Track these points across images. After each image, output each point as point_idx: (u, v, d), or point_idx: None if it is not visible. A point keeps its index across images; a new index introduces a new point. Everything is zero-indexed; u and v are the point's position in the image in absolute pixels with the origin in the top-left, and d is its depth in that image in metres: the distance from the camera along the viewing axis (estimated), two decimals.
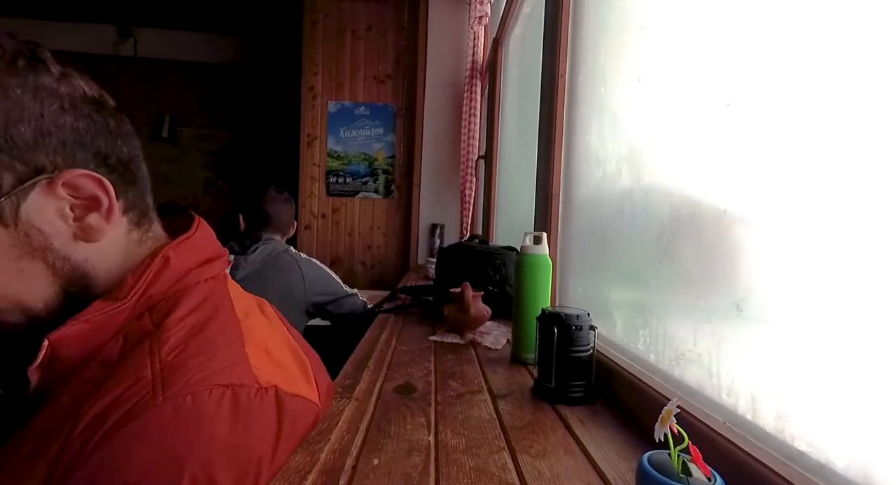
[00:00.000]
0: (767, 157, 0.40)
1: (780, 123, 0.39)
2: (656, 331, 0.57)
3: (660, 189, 0.59)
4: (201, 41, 3.72)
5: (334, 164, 2.75)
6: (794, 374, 0.36)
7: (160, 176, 3.75)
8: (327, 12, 2.69)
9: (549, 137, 0.95)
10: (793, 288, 0.37)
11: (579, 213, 0.88)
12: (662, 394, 0.47)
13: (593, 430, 0.50)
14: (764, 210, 0.41)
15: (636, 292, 0.66)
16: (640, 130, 0.66)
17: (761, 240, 0.41)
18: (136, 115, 3.72)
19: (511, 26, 1.81)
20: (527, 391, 0.62)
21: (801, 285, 0.36)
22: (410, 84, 2.73)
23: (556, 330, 0.58)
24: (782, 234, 0.38)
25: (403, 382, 0.64)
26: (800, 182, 0.37)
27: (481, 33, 2.24)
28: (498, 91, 1.98)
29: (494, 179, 2.02)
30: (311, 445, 0.44)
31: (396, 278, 2.52)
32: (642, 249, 0.62)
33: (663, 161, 0.59)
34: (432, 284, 1.31)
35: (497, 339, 0.89)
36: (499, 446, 0.46)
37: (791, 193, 0.38)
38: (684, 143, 0.54)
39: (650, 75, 0.64)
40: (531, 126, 1.12)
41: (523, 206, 1.43)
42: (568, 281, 0.90)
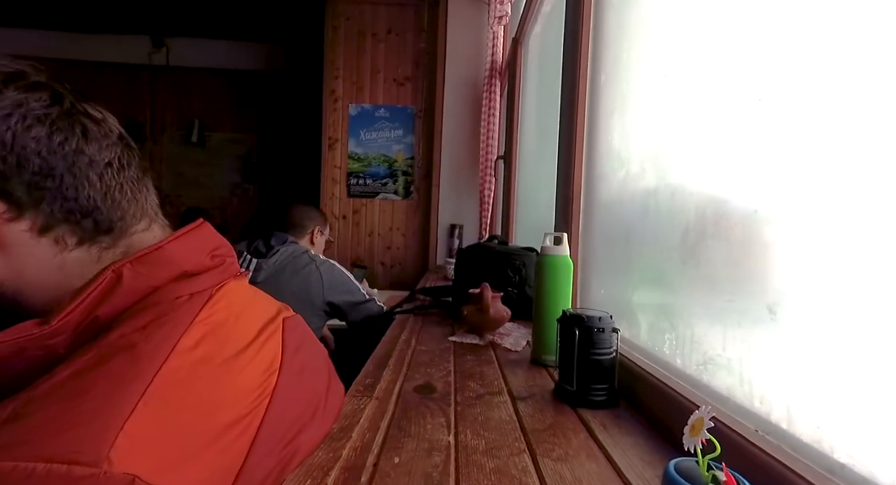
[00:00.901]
0: (803, 153, 0.39)
1: (817, 119, 0.37)
2: (683, 335, 0.56)
3: (686, 189, 0.57)
4: (229, 49, 3.85)
5: (355, 166, 2.79)
6: (834, 381, 0.34)
7: (189, 179, 3.91)
8: (348, 16, 2.74)
9: (569, 137, 0.94)
10: (830, 290, 0.35)
11: (601, 213, 0.86)
12: (690, 400, 0.46)
13: (616, 434, 0.49)
14: (798, 209, 0.39)
15: (661, 294, 0.64)
16: (665, 129, 0.64)
17: (795, 240, 0.39)
18: (168, 120, 3.89)
19: (531, 25, 1.79)
20: (547, 394, 0.61)
21: (839, 287, 0.34)
22: (430, 85, 2.75)
23: (577, 332, 0.57)
24: (818, 233, 0.37)
25: (423, 382, 0.64)
26: (838, 179, 0.35)
27: (501, 33, 2.23)
28: (517, 91, 1.97)
29: (514, 179, 2.01)
30: (334, 442, 0.45)
31: (416, 279, 2.54)
32: (667, 250, 0.60)
33: (690, 160, 0.57)
34: (451, 284, 1.31)
35: (517, 340, 0.88)
36: (519, 449, 0.45)
37: (828, 191, 0.36)
38: (712, 141, 0.52)
39: (676, 71, 0.62)
40: (551, 126, 1.11)
41: (543, 206, 1.41)
42: (589, 282, 0.89)
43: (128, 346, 0.32)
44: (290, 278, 1.15)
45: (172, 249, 0.39)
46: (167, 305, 0.36)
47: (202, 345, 0.35)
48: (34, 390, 0.29)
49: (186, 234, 0.41)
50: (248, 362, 0.38)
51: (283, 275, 1.15)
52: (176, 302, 0.37)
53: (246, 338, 0.39)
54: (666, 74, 0.64)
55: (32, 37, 3.76)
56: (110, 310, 0.35)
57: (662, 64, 0.66)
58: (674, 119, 0.62)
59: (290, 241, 1.22)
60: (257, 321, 0.42)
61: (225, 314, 0.39)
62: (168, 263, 0.38)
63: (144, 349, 0.32)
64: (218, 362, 0.36)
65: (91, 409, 0.28)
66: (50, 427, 0.27)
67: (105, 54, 3.80)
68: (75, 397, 0.29)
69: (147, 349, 0.32)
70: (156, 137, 3.89)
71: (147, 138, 3.88)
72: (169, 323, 0.35)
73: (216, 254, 0.43)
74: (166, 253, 0.39)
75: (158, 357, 0.32)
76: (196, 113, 3.88)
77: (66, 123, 0.36)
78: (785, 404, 0.38)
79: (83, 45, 3.79)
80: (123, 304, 0.36)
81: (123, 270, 0.36)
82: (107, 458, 0.26)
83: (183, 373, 0.33)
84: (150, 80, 3.84)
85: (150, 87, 3.85)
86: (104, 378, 0.30)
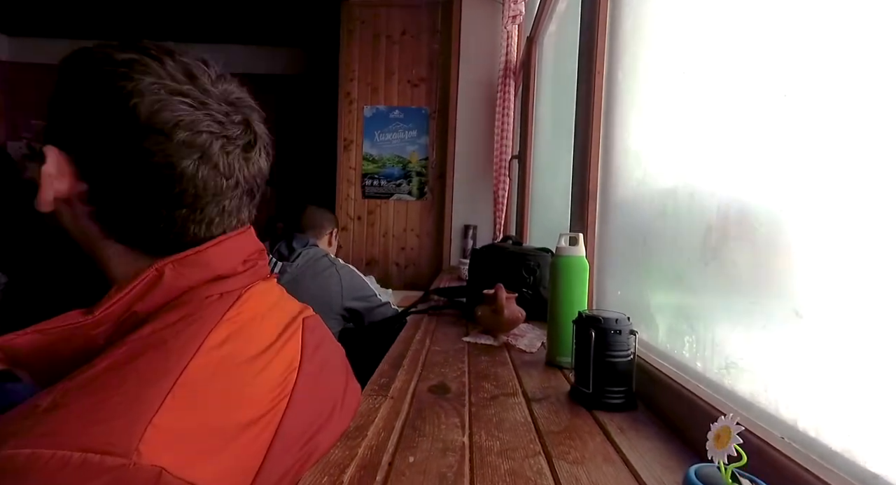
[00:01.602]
0: (831, 150, 0.37)
1: (845, 115, 0.36)
2: (703, 337, 0.54)
3: (707, 188, 0.56)
4: (248, 53, 3.94)
5: (369, 167, 2.82)
6: (866, 387, 0.33)
7: None
8: (364, 19, 2.77)
9: (585, 136, 0.92)
10: (861, 291, 0.34)
11: (618, 213, 0.85)
12: (711, 404, 0.45)
13: (634, 438, 0.48)
14: (826, 207, 0.37)
15: (680, 296, 0.63)
16: (684, 127, 0.63)
17: (824, 240, 0.38)
18: None
19: (545, 24, 1.78)
20: (563, 396, 0.61)
21: (871, 288, 0.33)
22: (444, 86, 2.75)
23: (593, 334, 0.56)
24: (848, 233, 0.35)
25: (437, 382, 0.64)
26: (870, 176, 0.34)
27: (515, 32, 2.22)
28: (532, 90, 1.95)
29: (528, 179, 1.99)
30: (350, 440, 0.45)
31: (430, 279, 2.54)
32: (687, 251, 0.59)
33: (711, 159, 0.56)
34: (465, 285, 1.31)
35: (531, 341, 0.87)
36: (534, 451, 0.45)
37: (859, 189, 0.34)
38: (735, 138, 0.51)
39: (696, 67, 0.60)
40: (566, 125, 1.10)
41: (558, 206, 1.39)
42: (606, 283, 0.87)
43: (159, 342, 0.33)
44: (312, 281, 1.17)
45: (212, 253, 0.40)
46: (197, 304, 0.37)
47: (227, 343, 0.36)
48: (72, 381, 0.31)
49: (227, 240, 0.41)
50: (269, 362, 0.38)
51: (304, 278, 1.17)
52: (206, 301, 0.38)
53: (269, 338, 0.40)
54: (685, 71, 0.63)
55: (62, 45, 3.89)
56: (149, 306, 0.36)
57: (681, 60, 0.64)
58: (693, 117, 0.60)
59: (311, 243, 1.24)
60: (280, 321, 0.43)
61: (251, 314, 0.40)
62: (206, 266, 0.39)
63: (174, 346, 0.33)
64: (241, 361, 0.36)
65: (123, 402, 0.29)
66: (85, 418, 0.28)
67: None
68: (109, 390, 0.30)
69: (176, 346, 0.33)
70: None
71: None
72: (198, 321, 0.36)
73: (249, 259, 0.43)
74: (205, 256, 0.39)
75: (186, 354, 0.33)
76: None
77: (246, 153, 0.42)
78: (813, 411, 0.37)
79: None
80: (161, 301, 0.37)
81: (166, 269, 0.37)
82: (136, 450, 0.27)
83: (209, 370, 0.33)
84: None
85: None
86: (135, 373, 0.31)
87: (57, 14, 3.53)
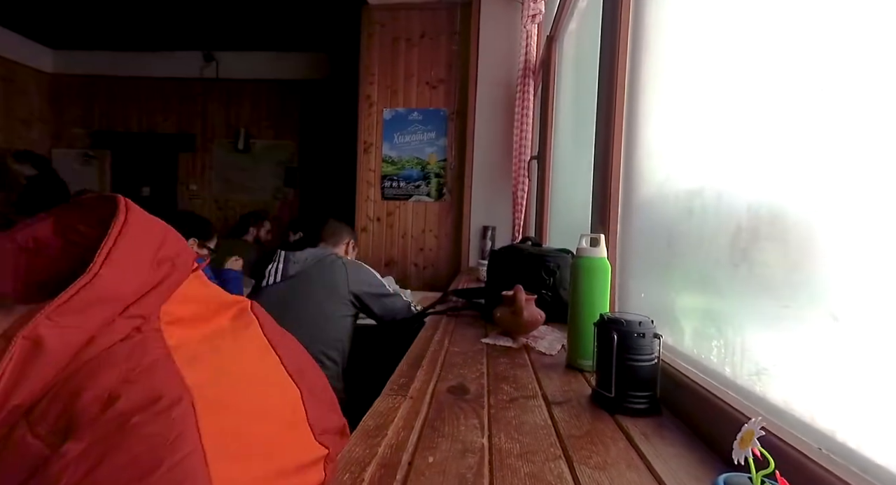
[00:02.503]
0: (873, 145, 0.35)
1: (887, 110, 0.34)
2: (733, 342, 0.52)
3: (736, 187, 0.54)
4: (273, 59, 4.06)
5: (388, 169, 2.85)
6: None
7: (236, 184, 4.15)
8: (383, 23, 2.81)
9: (607, 135, 0.91)
10: None
11: (641, 213, 0.83)
12: (741, 411, 0.43)
13: (659, 445, 0.47)
14: (864, 206, 0.35)
15: (708, 299, 0.60)
16: (711, 124, 0.61)
17: (862, 240, 0.36)
18: (217, 130, 4.15)
19: (566, 22, 1.75)
20: (584, 399, 0.60)
21: None
22: (462, 87, 2.76)
23: (615, 337, 0.55)
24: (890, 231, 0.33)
25: (456, 383, 0.64)
26: None
27: (534, 32, 2.20)
28: (551, 89, 1.93)
29: (548, 179, 1.97)
30: (370, 438, 0.46)
31: (448, 281, 2.54)
32: (715, 252, 0.57)
33: (740, 157, 0.54)
34: (484, 286, 1.31)
35: (551, 344, 0.86)
36: (555, 454, 0.44)
37: None
38: (766, 135, 0.49)
39: (724, 61, 0.58)
40: (587, 124, 1.08)
41: (578, 207, 1.37)
42: (628, 285, 0.85)
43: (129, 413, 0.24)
44: (319, 271, 1.24)
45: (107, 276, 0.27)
46: (127, 345, 0.27)
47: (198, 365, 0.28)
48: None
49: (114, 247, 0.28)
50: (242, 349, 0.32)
51: (312, 268, 1.23)
52: (135, 338, 0.28)
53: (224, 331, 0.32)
54: (713, 65, 0.61)
55: (104, 57, 4.15)
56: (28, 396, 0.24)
57: (708, 55, 0.62)
58: (721, 113, 0.58)
59: (320, 246, 1.31)
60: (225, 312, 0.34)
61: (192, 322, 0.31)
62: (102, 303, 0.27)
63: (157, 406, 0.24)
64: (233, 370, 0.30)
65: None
66: None
67: (163, 70, 4.12)
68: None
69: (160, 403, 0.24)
70: (206, 146, 4.16)
71: (198, 148, 4.15)
72: (149, 363, 0.26)
73: (162, 257, 0.31)
74: (97, 289, 0.26)
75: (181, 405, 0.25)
76: (242, 122, 4.11)
77: None
78: (853, 421, 0.35)
79: (144, 62, 4.12)
80: (45, 382, 0.25)
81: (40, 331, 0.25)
82: None
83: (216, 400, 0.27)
84: (202, 91, 4.12)
85: (202, 98, 4.13)
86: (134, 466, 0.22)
87: (95, 27, 3.73)
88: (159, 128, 4.18)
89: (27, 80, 4.01)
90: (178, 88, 4.13)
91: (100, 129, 4.21)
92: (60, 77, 4.21)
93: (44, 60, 4.14)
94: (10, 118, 3.89)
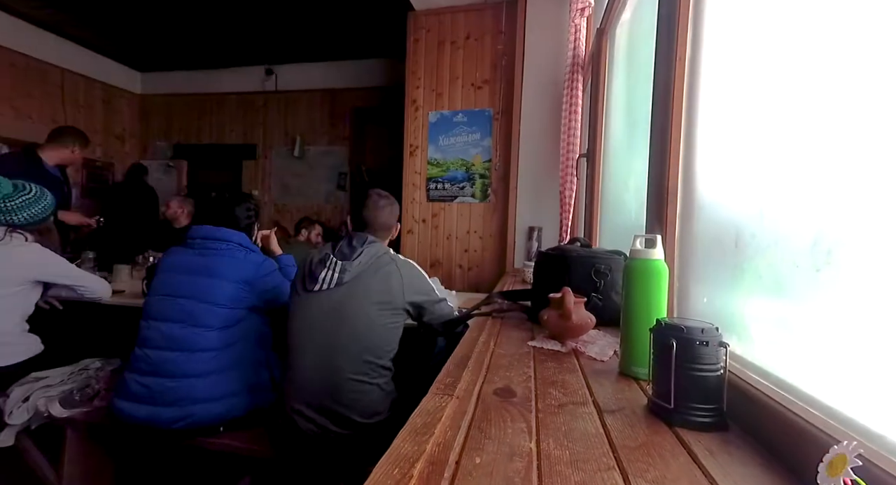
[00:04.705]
0: None
1: None
2: (815, 355, 0.47)
3: (816, 184, 0.48)
4: (324, 70, 4.29)
5: (434, 171, 2.89)
6: None
7: (293, 189, 4.43)
8: (429, 28, 2.86)
9: (664, 129, 0.85)
10: None
11: (703, 212, 0.77)
12: (826, 432, 0.39)
13: (726, 463, 0.43)
14: None
15: (784, 307, 0.55)
16: (788, 114, 0.55)
17: None
18: (276, 138, 4.45)
19: (618, 13, 1.68)
20: (639, 409, 0.56)
21: None
22: (507, 86, 2.73)
23: (674, 344, 0.51)
24: None
25: (503, 385, 0.64)
26: None
27: (583, 25, 2.12)
28: (602, 84, 1.85)
29: (598, 178, 1.89)
30: (418, 436, 0.47)
31: (493, 282, 2.53)
32: (791, 255, 0.52)
33: (822, 149, 0.48)
34: (530, 288, 1.28)
35: (603, 349, 0.83)
36: (607, 465, 0.43)
37: None
38: (857, 124, 0.43)
39: (802, 46, 0.53)
40: (642, 119, 1.02)
41: (631, 206, 1.30)
42: (689, 289, 0.80)
43: None
44: (373, 278, 1.20)
45: None
46: None
47: None
48: None
49: None
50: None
51: (366, 276, 1.20)
52: None
53: None
54: (788, 52, 0.55)
55: (179, 76, 4.62)
56: None
57: (782, 40, 0.57)
58: (800, 102, 0.52)
59: (370, 240, 1.27)
60: None
61: None
62: None
63: None
64: None
65: None
66: None
67: (230, 85, 4.50)
68: None
69: None
70: (266, 154, 4.48)
71: (259, 155, 4.48)
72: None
73: None
74: None
75: None
76: (298, 129, 4.38)
77: None
78: None
79: (214, 79, 4.53)
80: None
81: None
82: None
83: None
84: (263, 103, 4.45)
85: (264, 110, 4.46)
86: None
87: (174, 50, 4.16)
88: (226, 138, 4.56)
89: (121, 101, 4.57)
90: (242, 101, 4.49)
91: (178, 141, 4.68)
92: (147, 97, 4.75)
93: (134, 83, 4.69)
94: (108, 135, 4.45)
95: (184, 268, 1.36)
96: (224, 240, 1.39)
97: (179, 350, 1.27)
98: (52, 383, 1.47)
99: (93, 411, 1.42)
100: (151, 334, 1.30)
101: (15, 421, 1.39)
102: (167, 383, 1.26)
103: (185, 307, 1.30)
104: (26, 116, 3.71)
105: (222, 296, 1.31)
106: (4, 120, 3.56)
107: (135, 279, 2.16)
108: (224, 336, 1.32)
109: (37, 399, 1.42)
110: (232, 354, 1.33)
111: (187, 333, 1.28)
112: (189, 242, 1.42)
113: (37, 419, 1.42)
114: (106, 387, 1.49)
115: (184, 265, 1.36)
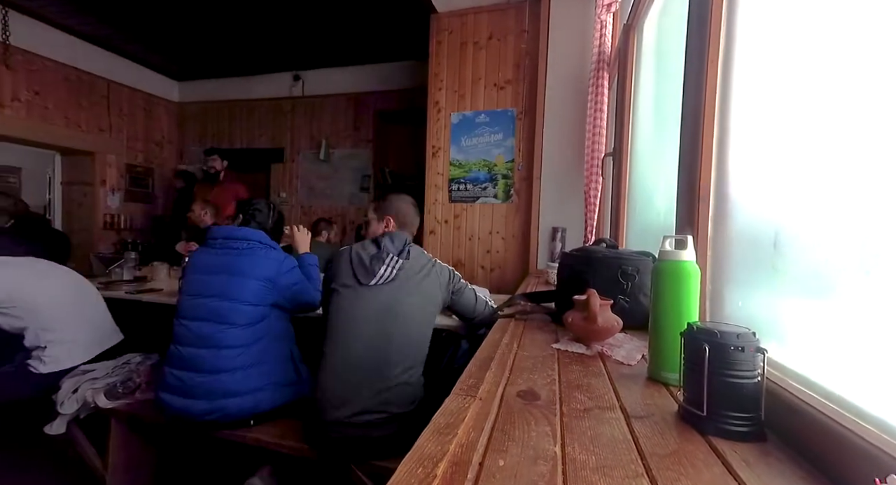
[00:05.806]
0: None
1: None
2: (863, 364, 0.44)
3: (861, 181, 0.46)
4: (348, 74, 4.38)
5: (456, 172, 2.89)
6: None
7: (318, 192, 4.54)
8: (451, 29, 2.87)
9: (695, 126, 0.82)
10: None
11: (737, 212, 0.74)
12: (879, 447, 0.36)
13: (765, 475, 0.41)
14: None
15: (829, 311, 0.52)
16: (831, 109, 0.52)
17: None
18: (303, 142, 4.58)
19: (645, 8, 1.63)
20: (669, 415, 0.55)
21: None
22: (531, 86, 2.70)
23: (707, 349, 0.49)
24: None
25: (526, 387, 0.63)
26: None
27: (609, 22, 2.08)
28: (629, 81, 1.80)
29: (625, 177, 1.84)
30: (441, 436, 0.47)
31: (516, 283, 2.50)
32: (835, 257, 0.49)
33: (868, 146, 0.45)
34: (554, 290, 1.26)
35: (630, 353, 0.80)
36: (636, 472, 0.41)
37: None
38: None
39: (846, 37, 0.50)
40: (671, 116, 0.99)
41: (660, 206, 1.26)
42: (722, 292, 0.76)
43: None
44: (423, 278, 1.25)
45: None
46: None
47: None
48: None
49: None
50: None
51: (417, 275, 1.25)
52: None
53: None
54: (831, 44, 0.52)
55: (212, 85, 4.83)
56: None
57: (826, 33, 0.53)
58: (843, 96, 0.49)
59: (409, 239, 1.33)
60: None
61: None
62: None
63: None
64: None
65: None
66: None
67: (259, 91, 4.67)
68: None
69: None
70: (293, 157, 4.61)
71: (287, 159, 4.62)
72: None
73: None
74: None
75: None
76: (324, 133, 4.49)
77: None
78: None
79: (245, 86, 4.72)
80: None
81: None
82: None
83: None
84: (291, 108, 4.59)
85: (291, 115, 4.59)
86: None
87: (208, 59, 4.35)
88: (256, 143, 4.73)
89: (160, 109, 4.83)
90: (271, 107, 4.64)
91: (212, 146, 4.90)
92: (184, 104, 5.00)
93: (172, 91, 4.94)
94: (149, 141, 4.72)
95: (208, 268, 1.41)
96: (245, 239, 1.44)
97: (208, 347, 1.33)
98: (98, 376, 1.57)
99: (135, 404, 1.50)
100: (183, 332, 1.36)
101: (66, 411, 1.49)
102: (197, 378, 1.31)
103: (211, 306, 1.35)
104: (76, 125, 3.99)
105: (246, 293, 1.36)
106: (58, 129, 3.84)
107: (172, 278, 2.28)
108: (249, 333, 1.36)
109: (85, 391, 1.51)
110: (258, 350, 1.37)
111: (215, 330, 1.33)
112: (210, 242, 1.47)
113: (85, 410, 1.52)
114: (146, 381, 1.57)
115: (208, 266, 1.42)
